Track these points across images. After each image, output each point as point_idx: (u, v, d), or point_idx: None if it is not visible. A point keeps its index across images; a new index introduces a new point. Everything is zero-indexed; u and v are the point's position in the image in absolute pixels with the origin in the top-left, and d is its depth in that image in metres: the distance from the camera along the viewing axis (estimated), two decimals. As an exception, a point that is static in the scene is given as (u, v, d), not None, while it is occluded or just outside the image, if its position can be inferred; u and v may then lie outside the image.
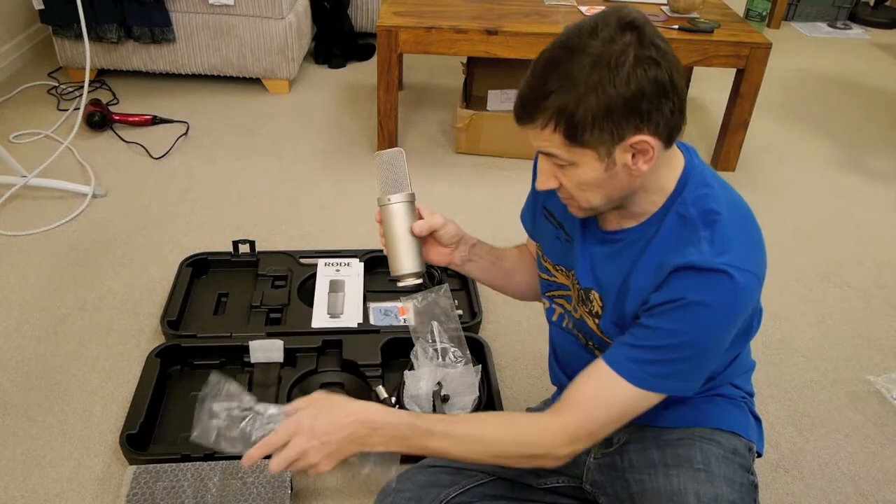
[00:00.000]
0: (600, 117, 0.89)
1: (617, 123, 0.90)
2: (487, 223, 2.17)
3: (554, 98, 0.90)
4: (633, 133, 0.90)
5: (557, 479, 1.22)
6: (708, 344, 0.99)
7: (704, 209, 0.98)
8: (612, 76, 0.87)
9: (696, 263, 0.94)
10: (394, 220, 1.12)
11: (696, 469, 1.08)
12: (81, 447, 1.44)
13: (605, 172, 0.94)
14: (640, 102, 0.89)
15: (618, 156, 0.93)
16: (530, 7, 2.50)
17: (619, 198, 0.99)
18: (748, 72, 2.35)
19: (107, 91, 2.83)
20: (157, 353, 1.56)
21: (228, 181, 2.33)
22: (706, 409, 1.14)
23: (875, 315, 1.93)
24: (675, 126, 0.93)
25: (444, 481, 1.18)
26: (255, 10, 2.70)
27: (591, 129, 0.90)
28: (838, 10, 4.21)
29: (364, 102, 2.88)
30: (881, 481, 1.47)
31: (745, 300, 0.96)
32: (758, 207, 2.43)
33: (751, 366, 1.22)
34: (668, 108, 0.91)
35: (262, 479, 1.32)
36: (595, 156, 0.93)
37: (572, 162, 0.94)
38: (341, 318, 1.71)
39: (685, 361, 0.99)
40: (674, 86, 0.90)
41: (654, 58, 0.88)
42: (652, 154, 0.92)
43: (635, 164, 0.93)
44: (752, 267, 0.96)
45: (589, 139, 0.91)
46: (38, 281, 1.86)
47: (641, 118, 0.90)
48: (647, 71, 0.88)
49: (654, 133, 0.91)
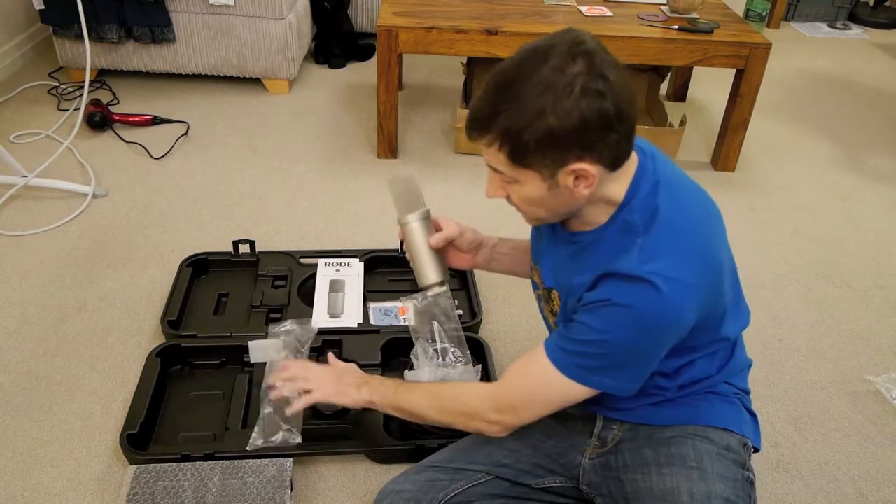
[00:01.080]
0: (543, 144, 0.92)
1: (559, 151, 0.93)
2: (487, 223, 2.17)
3: (501, 119, 0.93)
4: (575, 161, 0.93)
5: (555, 480, 1.22)
6: (629, 348, 1.01)
7: (645, 217, 1.00)
8: (557, 106, 0.89)
9: (621, 271, 0.97)
10: (413, 236, 1.25)
11: (689, 467, 1.09)
12: (81, 447, 1.44)
13: (548, 191, 0.98)
14: (584, 133, 0.91)
15: (560, 178, 0.96)
16: (530, 7, 2.50)
17: (564, 213, 1.05)
18: (748, 72, 2.35)
19: (107, 91, 2.83)
20: (157, 353, 1.56)
21: (228, 181, 2.33)
22: (699, 406, 1.15)
23: (875, 315, 1.93)
24: (620, 154, 0.97)
25: (443, 481, 1.19)
26: (255, 10, 2.70)
27: (534, 153, 0.93)
28: (838, 10, 4.21)
29: (364, 102, 2.88)
30: (881, 481, 1.48)
31: (671, 310, 0.97)
32: (758, 207, 2.42)
33: (746, 364, 1.22)
34: (613, 140, 0.93)
35: (262, 479, 1.32)
36: (538, 176, 0.97)
37: (517, 179, 0.99)
38: (341, 318, 1.71)
39: (607, 359, 1.02)
40: (620, 117, 0.92)
41: (601, 90, 0.90)
42: (593, 181, 0.96)
43: (577, 186, 0.97)
44: (682, 275, 0.96)
45: (532, 162, 0.95)
46: (39, 281, 1.86)
47: (583, 148, 0.93)
48: (593, 103, 0.90)
49: (597, 161, 0.94)
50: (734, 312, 1.14)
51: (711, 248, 1.03)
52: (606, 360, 1.02)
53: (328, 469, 1.42)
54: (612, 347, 1.01)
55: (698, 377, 1.13)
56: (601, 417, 1.21)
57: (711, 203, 1.12)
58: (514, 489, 1.22)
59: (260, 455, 1.36)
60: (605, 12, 2.48)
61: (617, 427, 1.19)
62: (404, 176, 1.27)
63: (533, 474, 1.22)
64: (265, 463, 1.34)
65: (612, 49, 0.95)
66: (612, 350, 1.01)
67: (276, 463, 1.34)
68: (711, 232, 1.06)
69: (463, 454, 1.24)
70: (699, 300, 0.99)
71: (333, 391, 1.29)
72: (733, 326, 1.13)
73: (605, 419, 1.21)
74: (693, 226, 1.02)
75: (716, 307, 1.06)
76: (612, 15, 2.46)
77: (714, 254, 1.04)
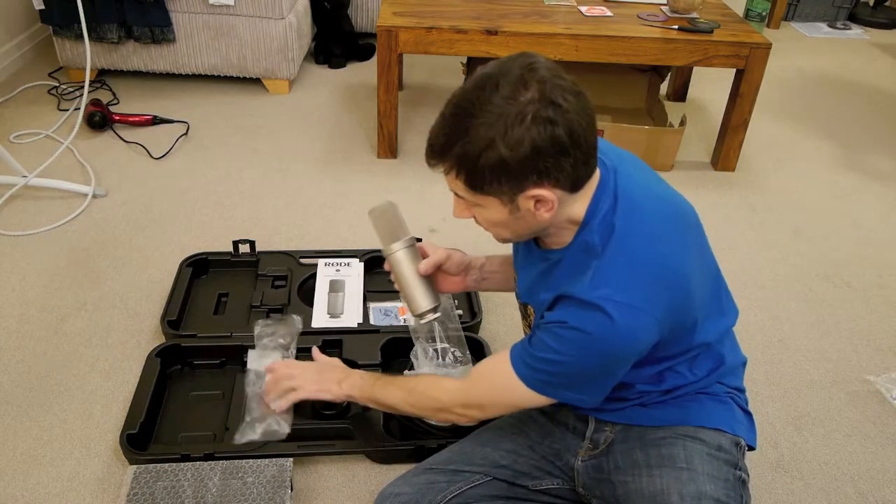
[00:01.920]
0: (498, 172, 0.93)
1: (514, 178, 0.94)
2: (487, 223, 2.17)
3: (456, 149, 0.94)
4: (533, 187, 0.94)
5: (552, 482, 1.23)
6: (586, 369, 1.02)
7: (603, 237, 1.00)
8: (508, 135, 0.90)
9: (575, 294, 0.98)
10: (401, 266, 1.25)
11: (678, 468, 1.09)
12: (81, 447, 1.44)
13: (510, 215, 1.00)
14: (537, 161, 0.92)
15: (521, 203, 0.97)
16: (530, 7, 2.50)
17: (528, 235, 1.07)
18: (748, 72, 2.35)
19: (107, 91, 2.83)
20: (157, 353, 1.56)
21: (228, 181, 2.33)
22: (690, 407, 1.15)
23: (875, 315, 1.93)
24: (579, 177, 0.97)
25: (441, 483, 1.19)
26: (255, 10, 2.70)
27: (490, 181, 0.95)
28: (838, 10, 4.21)
29: (364, 102, 2.88)
30: (881, 481, 1.48)
31: (623, 335, 0.97)
32: (758, 207, 2.42)
33: (738, 362, 1.22)
34: (569, 164, 0.94)
35: (262, 479, 1.32)
36: (498, 202, 0.98)
37: (478, 204, 1.00)
38: (341, 318, 1.71)
39: (566, 377, 1.04)
40: (575, 142, 0.92)
41: (552, 118, 0.90)
42: (552, 205, 0.97)
43: (538, 210, 0.98)
44: (634, 300, 0.96)
45: (489, 189, 0.96)
46: (39, 281, 1.86)
47: (539, 174, 0.93)
48: (544, 131, 0.90)
49: (555, 186, 0.95)
50: (713, 316, 1.13)
51: (673, 263, 1.02)
52: (565, 378, 1.05)
53: (328, 469, 1.42)
54: (569, 368, 1.03)
55: (682, 382, 1.14)
56: (593, 419, 1.21)
57: (682, 211, 1.10)
58: (512, 490, 1.22)
59: (260, 455, 1.36)
60: (605, 12, 2.48)
61: (609, 428, 1.19)
62: (384, 204, 1.25)
63: (531, 476, 1.22)
64: (265, 463, 1.34)
65: (611, 49, 0.96)
66: (569, 370, 1.03)
67: (276, 463, 1.34)
68: (676, 244, 1.04)
69: (461, 456, 1.24)
70: (656, 322, 0.99)
71: (315, 388, 1.33)
72: (712, 330, 1.12)
73: (596, 421, 1.21)
74: (652, 243, 1.01)
75: (683, 320, 1.05)
76: (611, 15, 2.46)
77: (676, 269, 1.02)
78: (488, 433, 1.28)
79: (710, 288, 1.13)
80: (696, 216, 1.12)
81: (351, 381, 1.31)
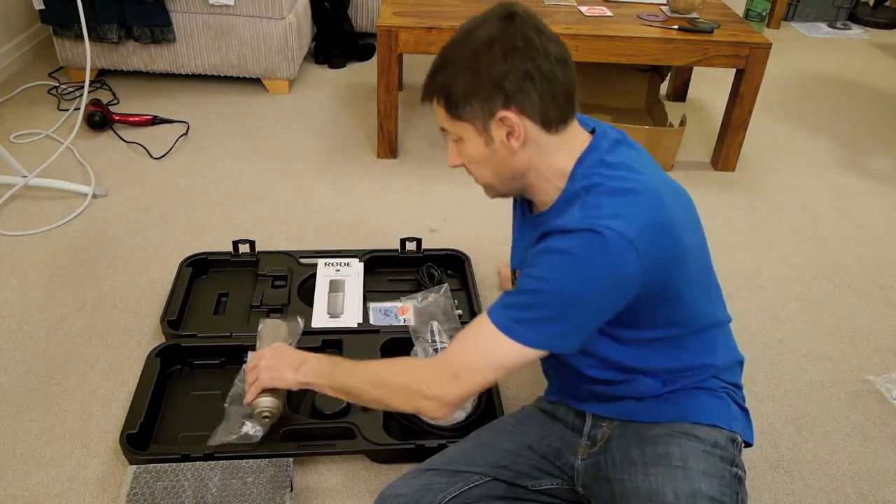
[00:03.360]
0: (469, 93, 1.02)
1: (484, 99, 1.02)
2: (488, 222, 2.17)
3: (438, 77, 1.06)
4: (501, 108, 1.02)
5: (552, 482, 1.23)
6: (567, 294, 1.00)
7: (587, 184, 1.04)
8: (481, 58, 1.01)
9: (562, 226, 1.00)
10: None
11: (673, 466, 1.09)
12: (81, 447, 1.44)
13: (486, 147, 1.07)
14: (503, 82, 1.00)
15: (493, 132, 1.04)
16: (530, 7, 2.49)
17: (509, 177, 1.10)
18: (748, 72, 2.35)
19: (107, 91, 2.83)
20: (157, 353, 1.56)
21: (228, 181, 2.33)
22: (686, 403, 1.15)
23: (875, 315, 1.93)
24: (548, 112, 1.03)
25: (440, 484, 1.19)
26: (255, 10, 2.70)
27: (464, 103, 1.03)
28: (838, 10, 4.21)
29: (364, 102, 2.88)
30: (881, 481, 1.48)
31: (610, 256, 0.97)
32: (758, 207, 2.42)
33: (735, 360, 1.22)
34: (535, 92, 1.01)
35: (262, 479, 1.32)
36: (474, 130, 1.06)
37: (459, 136, 1.08)
38: (341, 318, 1.71)
39: (545, 308, 1.01)
40: (542, 74, 1.01)
41: (521, 48, 1.00)
42: (520, 133, 1.03)
43: (509, 141, 1.04)
44: (624, 228, 0.97)
45: (464, 113, 1.04)
46: (38, 281, 1.86)
47: (506, 96, 1.01)
48: (510, 57, 1.00)
49: (522, 113, 1.02)
50: (703, 302, 1.13)
51: (663, 216, 1.02)
52: (544, 309, 1.01)
53: (328, 469, 1.42)
54: (549, 295, 1.00)
55: (672, 366, 1.13)
56: (590, 416, 1.22)
57: (679, 189, 1.13)
58: (512, 491, 1.22)
59: (260, 455, 1.36)
60: (605, 12, 2.48)
61: (606, 424, 1.19)
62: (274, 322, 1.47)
63: (530, 476, 1.22)
64: (265, 463, 1.34)
65: (611, 49, 0.98)
66: (549, 298, 1.00)
67: (276, 463, 1.34)
68: (672, 207, 1.04)
69: (461, 455, 1.24)
70: (644, 257, 0.98)
71: (268, 375, 1.28)
72: (700, 315, 1.12)
73: (594, 417, 1.21)
74: (644, 190, 1.02)
75: (671, 278, 1.04)
76: (611, 15, 2.46)
77: (670, 223, 1.02)
78: (488, 434, 1.28)
79: (702, 273, 1.12)
80: (692, 203, 1.14)
81: (308, 366, 1.24)
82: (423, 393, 1.09)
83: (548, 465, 1.23)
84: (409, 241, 1.94)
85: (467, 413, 1.47)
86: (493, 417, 1.43)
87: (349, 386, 1.19)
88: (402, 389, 1.12)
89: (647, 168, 1.08)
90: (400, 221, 2.17)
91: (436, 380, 1.08)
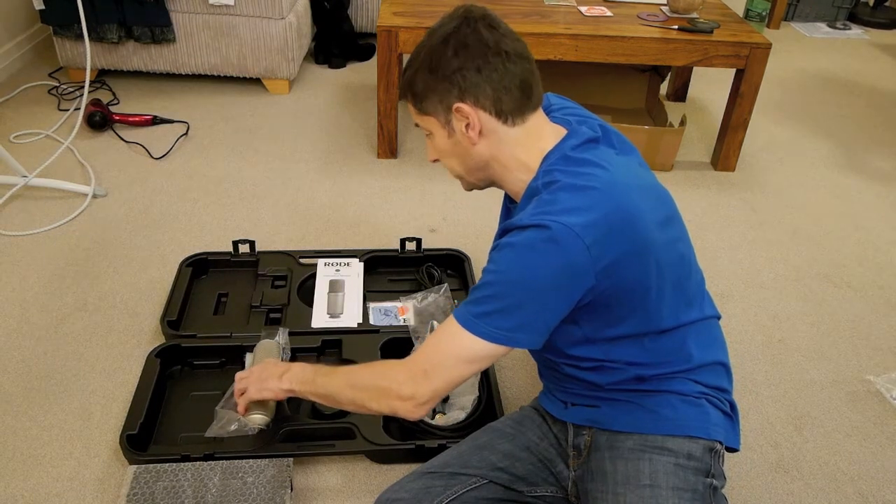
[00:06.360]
0: (429, 88, 1.09)
1: (441, 93, 1.08)
2: (488, 222, 2.17)
3: (406, 75, 1.14)
4: (456, 100, 1.08)
5: (547, 489, 1.24)
6: (520, 284, 1.01)
7: (547, 180, 1.07)
8: (436, 56, 1.08)
9: (516, 223, 1.04)
10: None
11: (642, 486, 1.09)
12: (81, 447, 1.44)
13: (449, 139, 1.13)
14: (455, 76, 1.07)
15: (454, 123, 1.10)
16: (530, 7, 2.50)
17: (475, 167, 1.15)
18: (748, 72, 2.35)
19: (107, 91, 2.83)
20: (157, 353, 1.57)
21: (228, 181, 2.33)
22: (660, 412, 1.13)
23: (875, 315, 1.93)
24: (500, 102, 1.07)
25: (438, 488, 1.19)
26: (255, 10, 2.70)
27: (425, 96, 1.11)
28: (838, 10, 4.21)
29: (364, 102, 2.88)
30: (881, 481, 1.48)
31: (558, 247, 0.99)
32: (758, 207, 2.42)
33: (714, 360, 1.19)
34: (489, 86, 1.06)
35: (262, 479, 1.32)
36: (438, 123, 1.12)
37: (430, 130, 1.14)
38: (341, 318, 1.71)
39: (500, 300, 1.03)
40: (493, 68, 1.06)
41: (472, 44, 1.06)
42: (475, 123, 1.08)
43: (468, 132, 1.09)
44: (573, 221, 0.99)
45: (427, 107, 1.11)
46: (38, 281, 1.86)
47: (460, 90, 1.07)
48: (461, 53, 1.06)
49: (475, 105, 1.07)
50: (675, 302, 1.11)
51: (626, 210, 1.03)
52: (496, 301, 1.03)
53: (328, 469, 1.42)
54: (500, 287, 1.03)
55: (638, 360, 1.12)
56: (571, 425, 1.22)
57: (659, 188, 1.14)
58: (508, 494, 1.22)
59: (260, 455, 1.36)
60: (605, 12, 2.48)
61: (587, 432, 1.19)
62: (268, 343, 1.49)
63: (527, 481, 1.22)
64: (265, 463, 1.34)
65: (611, 49, 0.98)
66: (500, 290, 1.03)
67: (276, 463, 1.34)
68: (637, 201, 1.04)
69: (459, 458, 1.24)
70: (594, 249, 0.99)
71: (256, 387, 1.30)
72: (671, 315, 1.11)
73: (574, 427, 1.21)
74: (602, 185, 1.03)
75: (631, 272, 1.04)
76: (611, 15, 2.46)
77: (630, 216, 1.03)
78: (486, 436, 1.28)
79: (675, 269, 1.11)
80: (670, 198, 1.15)
81: (291, 374, 1.26)
82: (397, 393, 1.10)
83: (544, 472, 1.23)
84: (409, 240, 1.94)
85: (467, 413, 1.47)
86: (492, 418, 1.43)
87: (329, 391, 1.19)
88: (376, 390, 1.13)
89: (619, 166, 1.08)
90: (400, 221, 2.17)
91: (408, 379, 1.09)
